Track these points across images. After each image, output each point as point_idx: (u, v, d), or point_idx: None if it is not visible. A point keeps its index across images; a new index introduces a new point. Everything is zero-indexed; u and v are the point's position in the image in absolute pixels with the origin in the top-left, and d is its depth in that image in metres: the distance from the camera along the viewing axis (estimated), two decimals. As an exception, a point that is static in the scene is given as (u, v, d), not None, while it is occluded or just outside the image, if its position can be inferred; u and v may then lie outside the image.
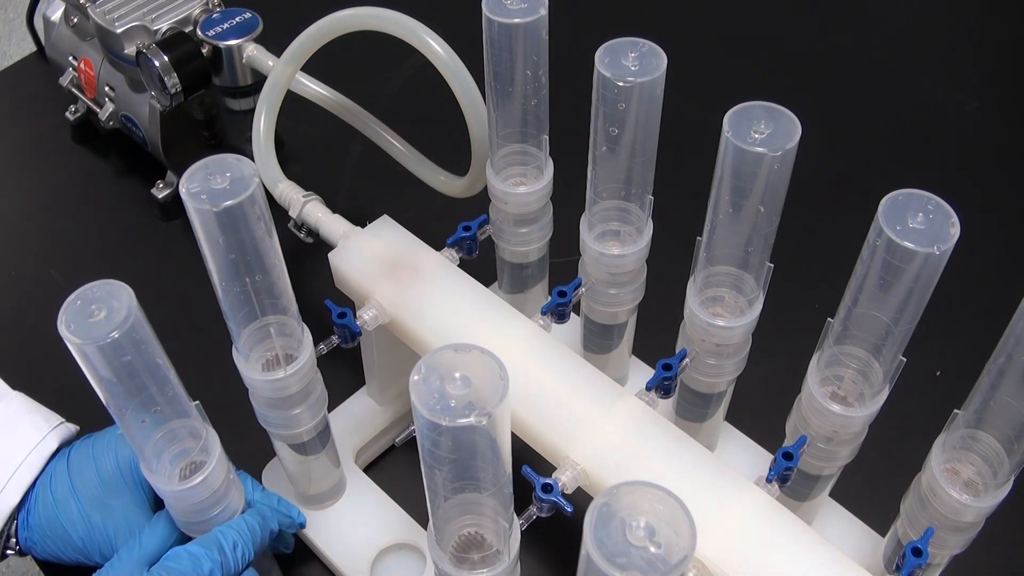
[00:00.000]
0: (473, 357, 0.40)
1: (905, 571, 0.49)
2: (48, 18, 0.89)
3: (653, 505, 0.36)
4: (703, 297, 0.55)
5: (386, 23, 0.62)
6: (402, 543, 0.63)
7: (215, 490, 0.52)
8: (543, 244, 0.65)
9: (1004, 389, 0.46)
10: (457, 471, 0.42)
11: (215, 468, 0.51)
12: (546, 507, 0.50)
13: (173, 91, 0.76)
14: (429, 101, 0.89)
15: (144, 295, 0.88)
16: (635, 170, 0.54)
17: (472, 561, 0.48)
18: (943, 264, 0.44)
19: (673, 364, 0.55)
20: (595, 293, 0.61)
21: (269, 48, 0.78)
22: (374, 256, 0.61)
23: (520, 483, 0.48)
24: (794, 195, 0.50)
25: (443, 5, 0.83)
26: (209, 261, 0.47)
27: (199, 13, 0.80)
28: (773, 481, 0.51)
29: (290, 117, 0.74)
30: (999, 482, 0.49)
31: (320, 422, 0.58)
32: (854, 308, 0.48)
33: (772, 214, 0.49)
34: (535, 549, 0.64)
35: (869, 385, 0.51)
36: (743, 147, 0.46)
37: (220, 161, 0.46)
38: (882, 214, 0.44)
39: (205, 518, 0.53)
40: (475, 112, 0.63)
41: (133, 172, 0.90)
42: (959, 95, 0.96)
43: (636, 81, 0.50)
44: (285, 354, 0.53)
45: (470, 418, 0.38)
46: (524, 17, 0.53)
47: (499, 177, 0.61)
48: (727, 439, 0.67)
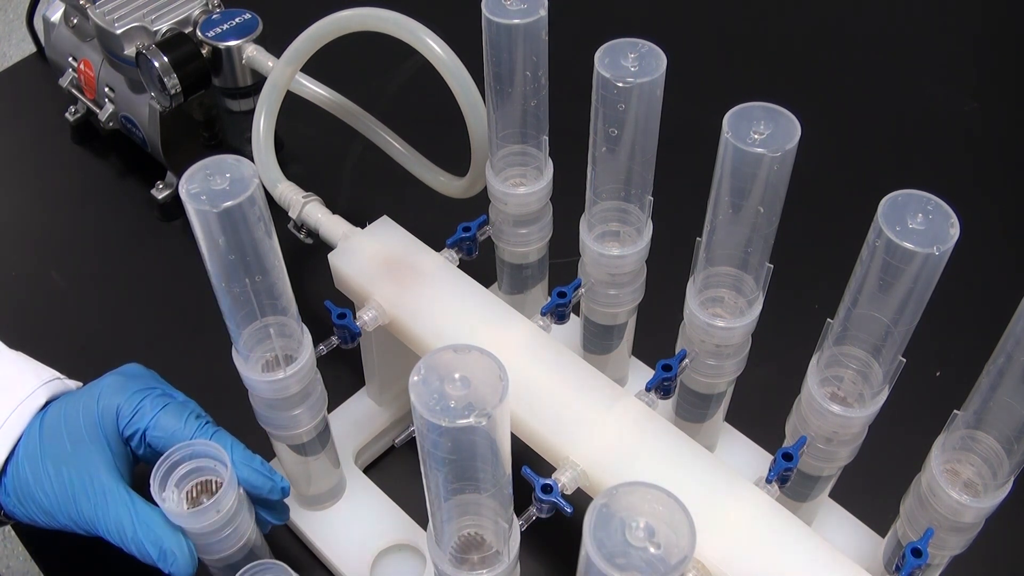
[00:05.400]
0: (473, 358, 0.40)
1: (905, 572, 0.49)
2: (48, 19, 0.89)
3: (653, 506, 0.36)
4: (703, 298, 0.55)
5: (386, 23, 0.62)
6: (402, 544, 0.63)
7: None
8: (543, 245, 0.65)
9: (1004, 389, 0.46)
10: (457, 472, 0.42)
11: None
12: (546, 508, 0.50)
13: (173, 92, 0.76)
14: (429, 101, 0.89)
15: (144, 295, 0.88)
16: (635, 171, 0.54)
17: (472, 562, 0.48)
18: (943, 265, 0.44)
19: (673, 365, 0.55)
20: (595, 294, 0.61)
21: (269, 49, 0.78)
22: (374, 257, 0.61)
23: (520, 484, 0.48)
24: (794, 195, 0.50)
25: (443, 5, 0.83)
26: (209, 262, 0.47)
27: (199, 14, 0.80)
28: (773, 482, 0.51)
29: (290, 118, 0.74)
30: (999, 483, 0.49)
31: (320, 423, 0.58)
32: (854, 309, 0.48)
33: (772, 215, 0.49)
34: (535, 550, 0.64)
35: (869, 386, 0.51)
36: (743, 148, 0.46)
37: (220, 162, 0.46)
38: (882, 214, 0.44)
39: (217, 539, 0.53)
40: (475, 113, 0.63)
41: (133, 173, 0.90)
42: (959, 95, 0.96)
43: (636, 82, 0.50)
44: (285, 355, 0.53)
45: (470, 419, 0.38)
46: (523, 18, 0.53)
47: (499, 178, 0.61)
48: (727, 439, 0.67)
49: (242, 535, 0.54)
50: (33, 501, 0.56)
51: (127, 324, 0.79)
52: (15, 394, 0.58)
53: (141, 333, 0.79)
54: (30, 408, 0.57)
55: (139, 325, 0.79)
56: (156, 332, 0.78)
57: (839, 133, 0.93)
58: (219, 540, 0.53)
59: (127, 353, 0.77)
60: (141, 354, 0.76)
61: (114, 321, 0.79)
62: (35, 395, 0.58)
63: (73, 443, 0.55)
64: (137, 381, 0.58)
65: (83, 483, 0.55)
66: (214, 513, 0.51)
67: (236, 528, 0.53)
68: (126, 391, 0.57)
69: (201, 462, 0.53)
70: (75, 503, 0.55)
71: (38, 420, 0.57)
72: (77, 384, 0.61)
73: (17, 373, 0.59)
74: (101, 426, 0.56)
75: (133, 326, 0.79)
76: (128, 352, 0.76)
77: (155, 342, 0.78)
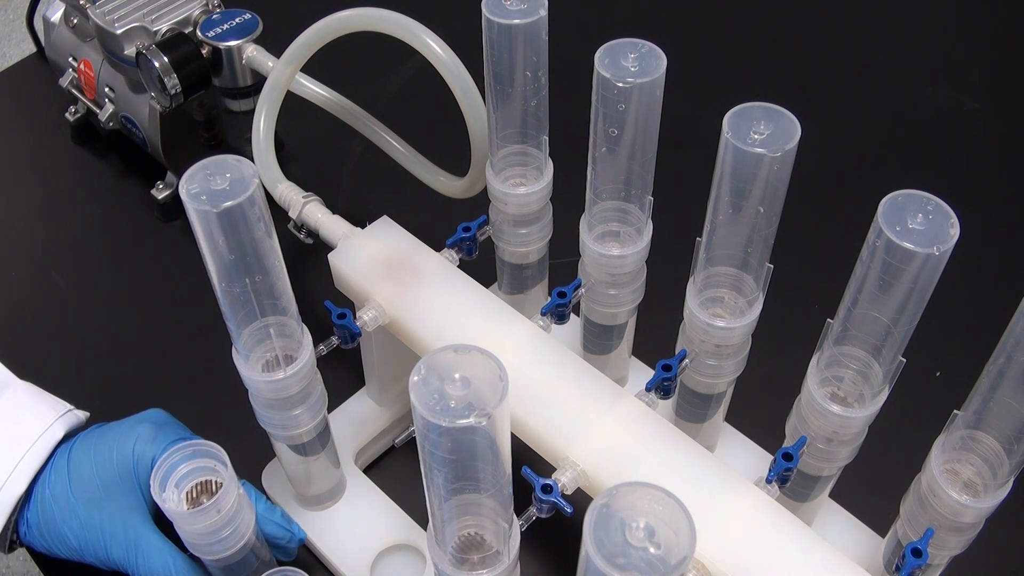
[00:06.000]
0: (473, 358, 0.40)
1: (905, 572, 0.49)
2: (48, 19, 0.89)
3: (653, 506, 0.36)
4: (703, 298, 0.55)
5: (386, 24, 0.63)
6: (402, 544, 0.63)
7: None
8: (543, 245, 0.65)
9: (1004, 390, 0.46)
10: (457, 472, 0.42)
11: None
12: (546, 508, 0.50)
13: (173, 92, 0.76)
14: (429, 101, 0.89)
15: (144, 295, 0.88)
16: (635, 171, 0.54)
17: (472, 562, 0.48)
18: (943, 265, 0.44)
19: (673, 365, 0.55)
20: (595, 294, 0.61)
21: (269, 49, 0.78)
22: (374, 257, 0.61)
23: (520, 484, 0.48)
24: (794, 196, 0.50)
25: (443, 5, 0.83)
26: (209, 262, 0.47)
27: (199, 14, 0.80)
28: (773, 482, 0.51)
29: (290, 118, 0.74)
30: (999, 483, 0.49)
31: (320, 423, 0.58)
32: (854, 309, 0.48)
33: (772, 215, 0.49)
34: (535, 550, 0.64)
35: (869, 386, 0.51)
36: (743, 148, 0.46)
37: (220, 162, 0.46)
38: (882, 215, 0.44)
39: (217, 539, 0.53)
40: (475, 113, 0.63)
41: (133, 173, 0.90)
42: (959, 96, 0.96)
43: (636, 82, 0.50)
44: (285, 355, 0.53)
45: (470, 419, 0.38)
46: (524, 18, 0.53)
47: (499, 178, 0.61)
48: (727, 440, 0.67)
49: (242, 535, 0.54)
50: (58, 538, 0.57)
51: (127, 324, 0.79)
52: (31, 427, 0.59)
53: (141, 333, 0.79)
54: (49, 442, 0.58)
55: (139, 325, 0.79)
56: (156, 332, 0.78)
57: (839, 133, 0.93)
58: (219, 540, 0.53)
59: (127, 353, 0.77)
60: (141, 354, 0.76)
61: (114, 321, 0.79)
62: (53, 428, 0.59)
63: (106, 488, 0.57)
64: (168, 430, 0.59)
65: (115, 529, 0.56)
66: (215, 513, 0.51)
67: (236, 528, 0.53)
68: (159, 442, 0.58)
69: (201, 462, 0.53)
70: (106, 548, 0.56)
71: (64, 457, 0.58)
72: (85, 414, 0.62)
73: (31, 405, 0.60)
74: (136, 474, 0.57)
75: (133, 326, 0.79)
76: (128, 352, 0.77)
77: (155, 342, 0.78)
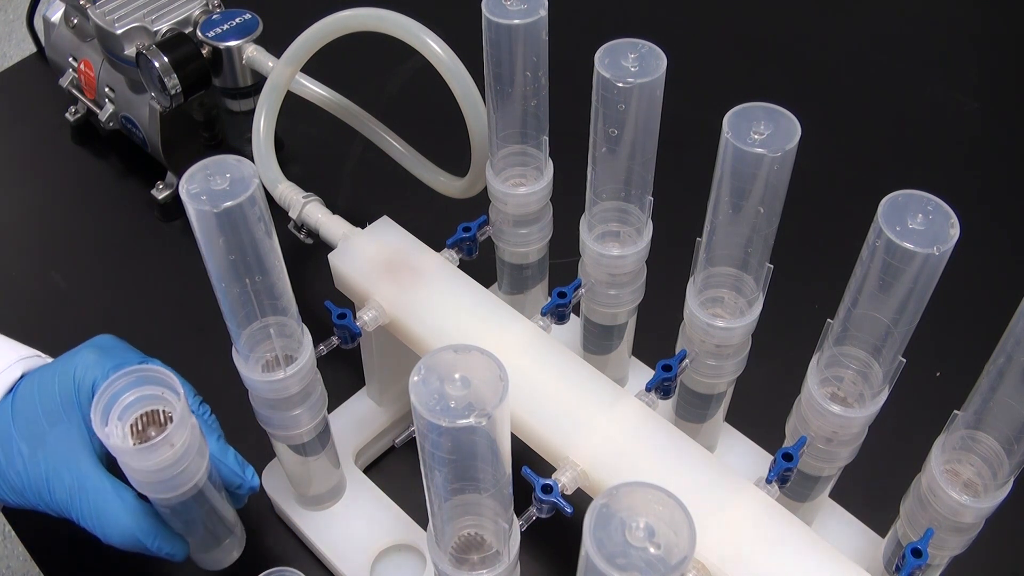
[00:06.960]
0: (473, 358, 0.40)
1: (905, 572, 0.49)
2: (48, 19, 0.89)
3: (653, 506, 0.36)
4: (703, 298, 0.55)
5: (386, 24, 0.63)
6: (402, 544, 0.63)
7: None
8: (543, 245, 0.65)
9: (1004, 390, 0.46)
10: (457, 472, 0.42)
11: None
12: (546, 508, 0.50)
13: (173, 92, 0.76)
14: (429, 101, 0.89)
15: (144, 295, 0.88)
16: (635, 171, 0.54)
17: (472, 562, 0.48)
18: (943, 265, 0.44)
19: (673, 365, 0.55)
20: (595, 294, 0.61)
21: (269, 49, 0.78)
22: (374, 257, 0.61)
23: (520, 484, 0.48)
24: (794, 196, 0.50)
25: (443, 5, 0.83)
26: (209, 262, 0.47)
27: (199, 14, 0.80)
28: (773, 482, 0.51)
29: (290, 118, 0.74)
30: (999, 483, 0.49)
31: (320, 423, 0.58)
32: (854, 309, 0.48)
33: (772, 215, 0.49)
34: (535, 550, 0.64)
35: (869, 386, 0.51)
36: (743, 148, 0.46)
37: (220, 162, 0.46)
38: (882, 215, 0.44)
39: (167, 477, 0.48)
40: (475, 113, 0.63)
41: (133, 173, 0.90)
42: (959, 96, 0.96)
43: (636, 82, 0.50)
44: (285, 355, 0.53)
45: (470, 419, 0.38)
46: (523, 18, 0.53)
47: (499, 178, 0.61)
48: (727, 440, 0.67)
49: (193, 475, 0.48)
50: (6, 483, 0.53)
51: (127, 324, 0.79)
52: None
53: (141, 333, 0.78)
54: (4, 381, 0.55)
55: (139, 325, 0.79)
56: (156, 332, 0.78)
57: (839, 133, 0.93)
58: (169, 478, 0.47)
59: (127, 353, 0.77)
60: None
61: (114, 321, 0.79)
62: (11, 369, 0.55)
63: (50, 422, 0.53)
64: (113, 354, 0.56)
65: (58, 468, 0.52)
66: (167, 448, 0.45)
67: (187, 468, 0.48)
68: (102, 365, 0.54)
69: (148, 390, 0.47)
70: (49, 491, 0.53)
71: (10, 397, 0.55)
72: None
73: None
74: (79, 404, 0.53)
75: (133, 326, 0.79)
76: (128, 352, 0.77)
77: (155, 342, 0.77)
